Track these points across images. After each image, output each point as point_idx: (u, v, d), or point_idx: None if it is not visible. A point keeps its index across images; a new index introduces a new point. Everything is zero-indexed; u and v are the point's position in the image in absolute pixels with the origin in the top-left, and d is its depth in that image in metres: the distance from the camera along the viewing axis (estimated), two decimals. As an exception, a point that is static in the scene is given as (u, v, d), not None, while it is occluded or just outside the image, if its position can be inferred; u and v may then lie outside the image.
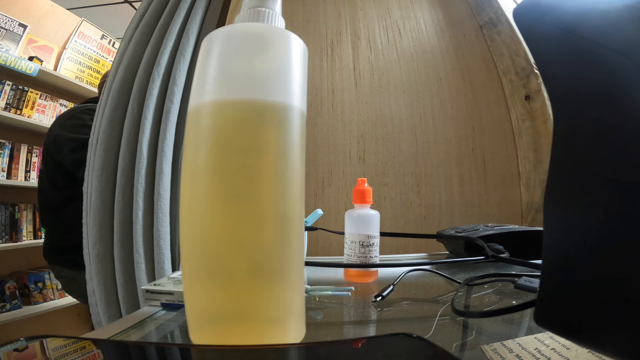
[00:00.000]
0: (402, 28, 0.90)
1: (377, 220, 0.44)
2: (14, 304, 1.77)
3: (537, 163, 0.80)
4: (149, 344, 0.25)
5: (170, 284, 0.36)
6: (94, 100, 1.17)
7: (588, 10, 0.17)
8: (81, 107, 1.17)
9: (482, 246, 0.47)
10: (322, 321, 0.32)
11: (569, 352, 0.21)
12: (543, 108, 0.79)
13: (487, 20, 0.90)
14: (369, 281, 0.44)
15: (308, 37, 0.86)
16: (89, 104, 1.18)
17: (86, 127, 0.99)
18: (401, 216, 0.80)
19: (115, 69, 0.80)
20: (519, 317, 0.30)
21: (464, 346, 0.25)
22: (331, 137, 0.81)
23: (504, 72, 0.88)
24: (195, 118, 0.23)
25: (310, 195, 0.78)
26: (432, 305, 0.36)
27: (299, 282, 0.24)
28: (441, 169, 0.83)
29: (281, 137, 0.23)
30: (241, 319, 0.22)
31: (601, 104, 0.15)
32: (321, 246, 0.75)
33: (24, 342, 0.17)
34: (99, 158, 0.72)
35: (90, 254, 0.72)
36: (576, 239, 0.16)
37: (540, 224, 0.72)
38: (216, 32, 0.24)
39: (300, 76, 0.24)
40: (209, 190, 0.22)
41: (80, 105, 1.22)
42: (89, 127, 0.86)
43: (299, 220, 0.24)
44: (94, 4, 2.33)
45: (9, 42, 1.87)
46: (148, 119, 0.71)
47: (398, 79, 0.86)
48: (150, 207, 0.70)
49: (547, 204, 0.17)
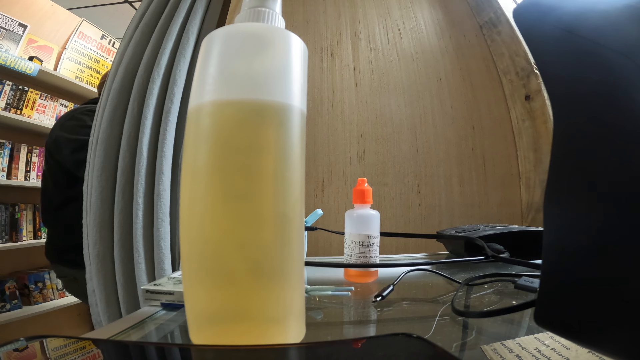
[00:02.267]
0: (402, 28, 0.90)
1: (377, 220, 0.44)
2: (14, 304, 1.77)
3: (537, 163, 0.80)
4: (149, 344, 0.25)
5: (170, 284, 0.36)
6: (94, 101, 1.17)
7: (588, 10, 0.17)
8: (82, 108, 1.17)
9: (482, 246, 0.47)
10: (322, 321, 0.32)
11: (569, 352, 0.21)
12: (543, 108, 0.79)
13: (487, 20, 0.90)
14: (369, 281, 0.44)
15: (308, 37, 0.86)
16: (90, 104, 1.19)
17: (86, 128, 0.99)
18: (401, 216, 0.80)
19: (115, 69, 0.80)
20: (519, 317, 0.30)
21: (464, 346, 0.25)
22: (331, 137, 0.81)
23: (504, 72, 0.88)
24: (195, 118, 0.23)
25: (310, 195, 0.78)
26: (432, 305, 0.36)
27: (299, 282, 0.24)
28: (441, 169, 0.83)
29: (281, 137, 0.23)
30: (241, 319, 0.22)
31: (601, 104, 0.15)
32: (321, 246, 0.75)
33: (24, 342, 0.17)
34: (99, 158, 0.72)
35: (90, 253, 0.71)
36: (576, 239, 0.16)
37: (540, 224, 0.72)
38: (216, 32, 0.24)
39: (300, 76, 0.24)
40: (209, 190, 0.22)
41: (81, 106, 1.22)
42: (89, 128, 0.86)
43: (299, 220, 0.24)
44: (94, 4, 2.33)
45: (9, 42, 1.87)
46: (148, 119, 0.71)
47: (398, 79, 0.86)
48: (150, 207, 0.70)
49: (547, 204, 0.17)
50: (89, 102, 1.23)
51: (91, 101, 1.23)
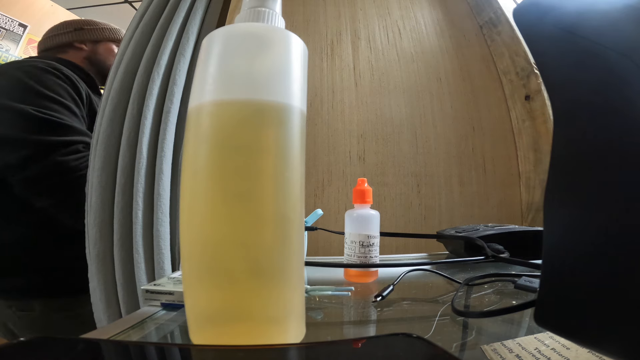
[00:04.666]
0: (402, 28, 0.90)
1: (377, 220, 0.44)
2: (14, 304, 1.76)
3: (537, 163, 0.80)
4: (149, 344, 0.25)
5: (170, 284, 0.36)
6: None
7: (588, 10, 0.17)
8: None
9: (482, 246, 0.47)
10: (322, 321, 0.32)
11: (569, 352, 0.21)
12: (543, 108, 0.79)
13: (487, 20, 0.90)
14: (369, 281, 0.44)
15: (308, 37, 0.86)
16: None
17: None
18: (401, 216, 0.80)
19: (115, 69, 0.80)
20: (519, 317, 0.30)
21: (464, 346, 0.25)
22: (331, 137, 0.81)
23: (504, 72, 0.88)
24: (195, 118, 0.23)
25: (310, 195, 0.78)
26: (432, 305, 0.36)
27: (299, 282, 0.24)
28: (441, 169, 0.83)
29: (281, 137, 0.23)
30: (241, 319, 0.22)
31: (601, 104, 0.15)
32: (321, 246, 0.75)
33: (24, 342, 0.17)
34: (99, 158, 0.72)
35: (90, 254, 0.71)
36: (576, 239, 0.16)
37: (540, 224, 0.72)
38: (216, 32, 0.24)
39: (300, 76, 0.24)
40: (208, 190, 0.22)
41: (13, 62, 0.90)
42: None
43: (299, 221, 0.24)
44: (94, 4, 2.33)
45: (9, 42, 1.87)
46: (148, 119, 0.71)
47: (398, 79, 0.86)
48: (150, 207, 0.70)
49: (547, 204, 0.17)
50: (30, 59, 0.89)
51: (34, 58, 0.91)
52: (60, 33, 0.94)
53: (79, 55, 0.94)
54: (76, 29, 0.95)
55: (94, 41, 0.96)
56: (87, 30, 0.96)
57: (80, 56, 0.94)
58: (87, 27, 0.96)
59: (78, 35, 0.95)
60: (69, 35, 0.94)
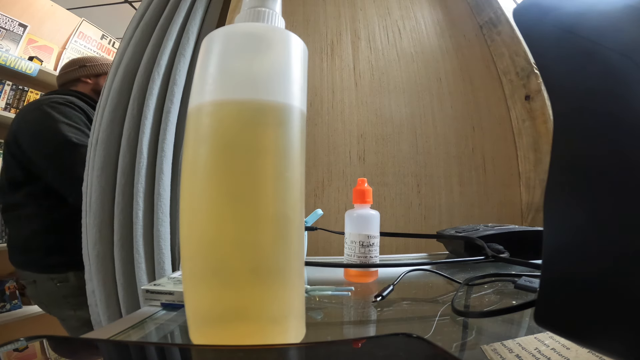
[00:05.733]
0: (402, 28, 0.90)
1: (377, 220, 0.44)
2: (14, 304, 1.76)
3: (537, 163, 0.80)
4: (149, 344, 0.25)
5: (170, 284, 0.36)
6: (59, 92, 1.12)
7: (588, 10, 0.17)
8: (47, 100, 1.07)
9: (482, 246, 0.47)
10: (322, 321, 0.32)
11: (569, 352, 0.21)
12: (543, 108, 0.79)
13: (487, 20, 0.90)
14: (369, 281, 0.44)
15: (308, 37, 0.86)
16: (55, 95, 1.10)
17: (50, 120, 0.99)
18: (401, 216, 0.80)
19: (115, 69, 0.80)
20: (519, 317, 0.30)
21: (464, 346, 0.25)
22: (331, 137, 0.81)
23: (504, 72, 0.88)
24: (196, 118, 0.23)
25: (310, 195, 0.78)
26: (432, 305, 0.36)
27: (299, 282, 0.24)
28: (441, 169, 0.83)
29: (281, 137, 0.23)
30: (241, 319, 0.22)
31: (601, 104, 0.15)
32: (321, 246, 0.75)
33: (24, 342, 0.17)
34: (99, 158, 0.72)
35: (90, 254, 0.71)
36: (576, 239, 0.16)
37: (540, 224, 0.72)
38: (216, 32, 0.24)
39: (300, 76, 0.24)
40: (209, 190, 0.22)
41: (44, 97, 1.14)
42: (54, 121, 0.95)
43: (299, 221, 0.24)
44: (94, 4, 2.33)
45: (9, 42, 1.87)
46: (148, 119, 0.71)
47: (398, 79, 0.86)
48: (150, 207, 0.70)
49: (547, 204, 0.17)
50: (52, 93, 1.14)
51: (55, 92, 1.14)
52: (70, 70, 1.19)
53: (87, 87, 1.18)
54: (80, 66, 1.19)
55: (96, 75, 1.19)
56: (89, 67, 1.19)
57: (88, 88, 1.18)
58: (88, 64, 1.20)
59: (83, 71, 1.18)
60: (76, 72, 1.18)
